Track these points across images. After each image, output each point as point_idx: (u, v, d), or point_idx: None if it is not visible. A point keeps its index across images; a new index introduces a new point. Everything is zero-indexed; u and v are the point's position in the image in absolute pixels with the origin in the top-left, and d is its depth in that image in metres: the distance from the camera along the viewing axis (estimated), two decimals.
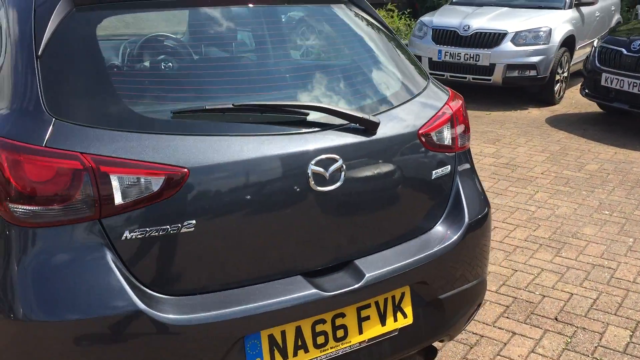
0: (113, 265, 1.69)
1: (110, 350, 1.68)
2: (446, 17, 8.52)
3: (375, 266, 2.04)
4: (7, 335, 1.68)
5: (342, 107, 2.02)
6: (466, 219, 2.28)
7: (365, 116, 1.99)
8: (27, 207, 1.66)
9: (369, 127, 2.02)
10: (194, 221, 1.76)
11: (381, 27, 2.49)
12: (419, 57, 8.46)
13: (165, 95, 1.89)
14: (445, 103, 2.34)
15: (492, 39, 7.95)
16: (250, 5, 2.17)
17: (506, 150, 6.29)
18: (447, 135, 2.28)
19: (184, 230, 1.75)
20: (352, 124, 2.00)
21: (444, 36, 8.26)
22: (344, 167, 1.95)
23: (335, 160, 1.93)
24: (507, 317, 3.30)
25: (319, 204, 1.93)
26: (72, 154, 1.67)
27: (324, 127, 1.96)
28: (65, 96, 1.77)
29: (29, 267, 1.66)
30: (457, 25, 8.19)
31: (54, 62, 1.81)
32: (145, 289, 1.73)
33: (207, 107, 1.84)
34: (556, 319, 3.28)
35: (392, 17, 10.23)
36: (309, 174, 1.88)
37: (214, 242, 1.81)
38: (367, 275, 2.00)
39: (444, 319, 2.27)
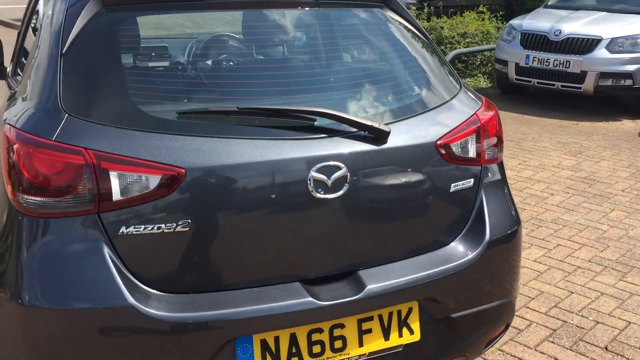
0: (109, 259, 1.74)
1: (100, 342, 1.74)
2: (537, 21, 8.16)
3: (379, 278, 1.99)
4: (12, 318, 1.77)
5: (353, 114, 1.98)
6: (487, 237, 2.17)
7: (375, 124, 1.94)
8: (35, 198, 1.74)
9: (378, 136, 1.96)
10: (189, 221, 1.78)
11: (416, 32, 2.42)
12: (505, 62, 8.17)
13: (173, 95, 1.93)
14: (474, 113, 2.23)
15: (585, 45, 7.54)
16: (273, 9, 2.17)
17: (587, 163, 5.94)
18: (471, 147, 2.18)
19: (179, 229, 1.77)
20: (361, 132, 1.95)
21: (533, 41, 7.92)
22: (349, 175, 1.90)
23: (338, 168, 1.89)
24: (552, 342, 3.12)
25: (320, 212, 1.90)
26: (77, 149, 1.74)
27: (330, 133, 1.93)
28: (81, 93, 1.85)
29: (33, 255, 1.75)
30: (548, 29, 7.83)
31: (76, 60, 1.89)
32: (139, 284, 1.77)
33: (211, 109, 1.85)
34: (606, 348, 3.06)
35: (482, 19, 9.92)
36: (309, 181, 1.86)
37: (209, 243, 1.82)
38: (368, 287, 1.94)
39: (457, 339, 2.17)
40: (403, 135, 2.03)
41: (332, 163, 1.87)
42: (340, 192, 1.90)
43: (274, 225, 1.87)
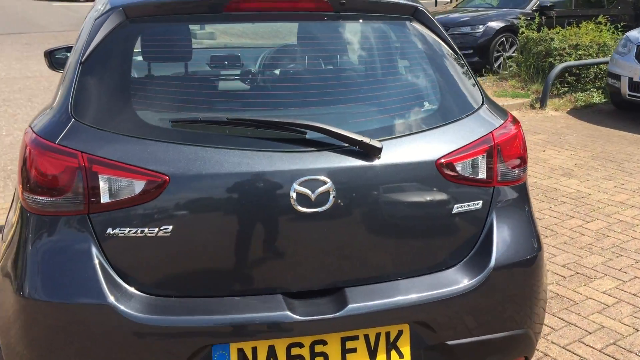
0: (95, 259, 1.84)
1: (81, 336, 1.84)
2: None
3: (365, 297, 1.94)
4: (15, 312, 1.91)
5: (350, 129, 1.95)
6: (492, 263, 2.05)
7: (365, 139, 1.90)
8: (38, 197, 1.88)
9: (370, 152, 1.92)
10: (170, 227, 1.84)
11: (443, 45, 2.33)
12: (618, 77, 7.62)
13: (170, 104, 2.00)
14: (490, 132, 2.12)
15: None
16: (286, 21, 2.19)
17: None
18: (481, 167, 2.07)
19: (161, 234, 1.84)
20: (353, 147, 1.92)
21: None
22: (334, 190, 1.88)
23: (324, 183, 1.87)
24: None
25: (303, 226, 1.90)
26: (74, 152, 1.86)
27: (320, 147, 1.91)
28: (88, 100, 1.97)
29: (35, 251, 1.89)
30: None
31: (91, 68, 2.02)
32: (123, 284, 1.86)
33: (201, 118, 1.91)
34: None
35: (600, 30, 9.31)
36: (292, 194, 1.85)
37: (191, 250, 1.87)
38: (349, 305, 1.90)
39: None
40: (400, 152, 1.97)
41: (316, 177, 1.86)
42: (325, 207, 1.88)
43: (255, 236, 1.89)
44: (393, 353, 1.99)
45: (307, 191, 1.86)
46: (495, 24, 10.76)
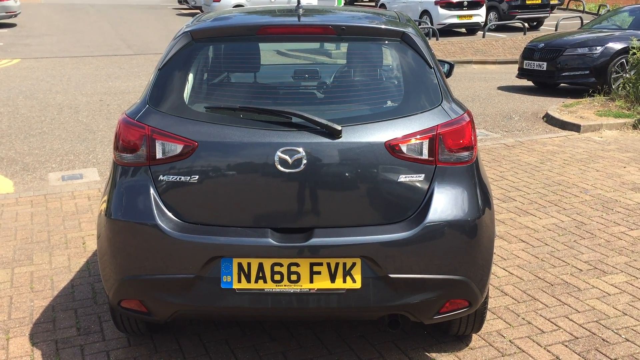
0: (151, 194, 2.83)
1: (138, 241, 2.82)
2: None
3: (327, 235, 2.75)
4: (105, 225, 2.96)
5: (323, 118, 2.77)
6: (426, 220, 2.76)
7: (329, 123, 2.73)
8: (121, 154, 2.92)
9: (332, 132, 2.74)
10: (197, 176, 2.79)
11: (421, 61, 3.04)
12: None
13: (207, 96, 2.97)
14: (437, 125, 2.84)
15: None
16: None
17: None
18: (424, 149, 2.80)
19: (191, 180, 2.79)
20: (322, 129, 2.76)
21: None
22: (305, 158, 2.72)
23: (297, 152, 2.72)
24: (566, 346, 3.38)
25: (284, 181, 2.75)
26: (143, 126, 2.88)
27: (300, 128, 2.77)
28: (159, 93, 2.99)
29: (117, 188, 2.93)
30: None
31: (164, 73, 3.04)
32: (167, 212, 2.82)
33: (222, 106, 2.85)
34: None
35: None
36: (275, 158, 2.73)
37: (210, 193, 2.80)
38: (314, 239, 2.73)
39: (395, 296, 2.77)
40: (358, 134, 2.77)
41: (293, 148, 2.72)
42: (298, 169, 2.73)
43: (252, 186, 2.78)
44: (348, 278, 2.76)
45: (286, 157, 2.73)
46: (616, 45, 10.78)
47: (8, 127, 8.75)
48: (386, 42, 3.10)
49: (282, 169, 2.74)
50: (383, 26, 3.11)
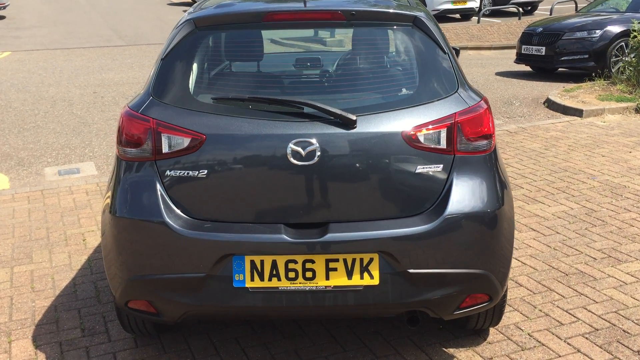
0: (158, 191, 2.70)
1: (145, 239, 2.70)
2: None
3: (343, 230, 2.63)
4: (109, 223, 2.84)
5: (337, 107, 2.64)
6: (446, 212, 2.64)
7: (343, 113, 2.60)
8: (125, 148, 2.79)
9: (347, 122, 2.61)
10: (206, 171, 2.66)
11: (434, 46, 2.91)
12: None
13: (213, 86, 2.83)
14: (454, 112, 2.72)
15: None
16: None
17: None
18: (442, 139, 2.68)
19: (200, 175, 2.66)
20: (336, 119, 2.63)
21: None
22: (319, 150, 2.60)
23: (311, 143, 2.60)
24: (587, 339, 3.29)
25: (297, 174, 2.63)
26: (148, 118, 2.74)
27: (312, 118, 2.64)
28: (162, 83, 2.85)
29: (121, 184, 2.79)
30: None
31: (167, 62, 2.90)
32: (175, 208, 2.70)
33: (230, 96, 2.72)
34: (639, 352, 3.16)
35: None
36: (288, 151, 2.60)
37: (220, 188, 2.67)
38: (330, 234, 2.61)
39: (414, 292, 2.67)
40: (374, 124, 2.64)
41: (306, 139, 2.59)
42: (312, 162, 2.60)
43: (264, 180, 2.65)
44: (365, 275, 2.65)
45: (299, 149, 2.60)
46: (615, 29, 10.66)
47: (1, 121, 8.57)
48: (397, 27, 2.97)
49: (295, 161, 2.61)
50: (394, 10, 2.98)
